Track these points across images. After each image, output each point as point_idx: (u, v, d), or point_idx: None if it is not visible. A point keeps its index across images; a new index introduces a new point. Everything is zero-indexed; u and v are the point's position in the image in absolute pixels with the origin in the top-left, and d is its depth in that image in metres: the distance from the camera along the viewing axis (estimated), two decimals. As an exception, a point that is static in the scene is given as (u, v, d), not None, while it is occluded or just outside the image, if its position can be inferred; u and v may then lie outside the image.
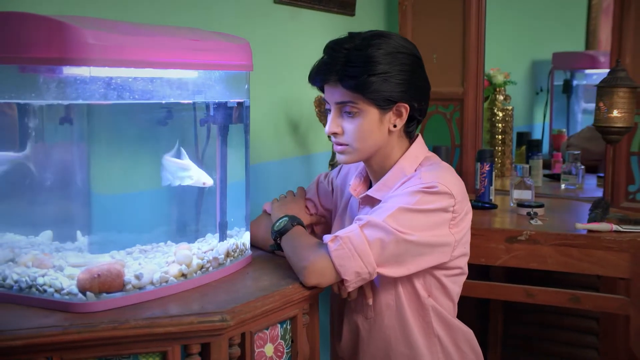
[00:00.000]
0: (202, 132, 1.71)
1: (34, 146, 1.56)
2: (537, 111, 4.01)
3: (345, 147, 1.74)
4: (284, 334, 1.64)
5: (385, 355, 1.76)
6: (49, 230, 1.62)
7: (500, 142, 3.23)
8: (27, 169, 1.56)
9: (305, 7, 2.59)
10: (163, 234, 1.67)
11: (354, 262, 1.61)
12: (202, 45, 1.62)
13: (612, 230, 2.14)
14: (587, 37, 4.31)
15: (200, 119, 1.69)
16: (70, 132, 1.50)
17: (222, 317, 1.44)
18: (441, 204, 1.65)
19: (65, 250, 1.58)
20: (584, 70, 4.07)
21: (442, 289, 1.75)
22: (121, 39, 1.45)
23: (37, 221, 1.61)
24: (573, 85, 4.04)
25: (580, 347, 2.79)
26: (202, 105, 1.68)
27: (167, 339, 1.42)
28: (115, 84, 1.46)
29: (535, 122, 4.02)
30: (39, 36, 1.40)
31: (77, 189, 1.53)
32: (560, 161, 3.30)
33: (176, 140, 1.65)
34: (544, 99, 3.95)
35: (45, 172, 1.56)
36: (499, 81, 3.23)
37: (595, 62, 4.06)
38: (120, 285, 1.48)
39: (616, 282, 2.54)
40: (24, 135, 1.57)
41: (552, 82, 3.99)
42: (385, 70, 1.66)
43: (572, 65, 4.05)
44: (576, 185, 2.97)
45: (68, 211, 1.58)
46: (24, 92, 1.50)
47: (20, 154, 1.56)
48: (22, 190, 1.58)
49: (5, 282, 1.50)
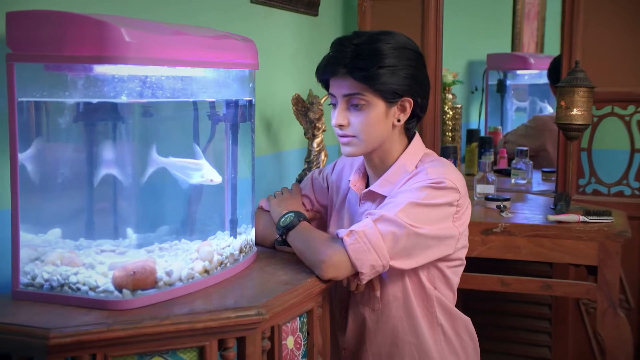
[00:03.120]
0: (215, 129, 1.73)
1: (57, 144, 1.56)
2: (473, 109, 4.18)
3: (351, 138, 1.80)
4: (301, 326, 1.69)
5: (392, 344, 1.83)
6: (58, 228, 1.61)
7: (450, 139, 3.36)
8: (58, 166, 1.56)
9: (277, 7, 2.64)
10: (178, 231, 1.69)
11: (370, 256, 1.67)
12: (224, 44, 1.66)
13: (579, 221, 2.30)
14: (513, 39, 4.53)
15: (214, 117, 1.72)
16: (104, 130, 1.51)
17: (258, 311, 1.48)
18: (448, 199, 1.73)
19: (84, 248, 1.59)
20: (516, 71, 4.27)
21: (444, 280, 1.84)
22: (153, 38, 1.47)
23: (52, 219, 1.61)
24: (506, 85, 4.23)
25: (534, 332, 2.95)
26: (219, 104, 1.71)
27: (206, 334, 1.45)
28: (150, 82, 1.48)
29: (471, 120, 4.19)
30: (76, 34, 1.41)
31: (104, 187, 1.55)
32: (505, 157, 3.46)
33: (193, 138, 1.68)
34: (479, 98, 4.12)
35: (75, 169, 1.56)
36: (449, 80, 3.37)
37: (526, 64, 4.27)
38: (153, 282, 1.50)
39: (567, 269, 2.72)
40: (47, 133, 1.56)
41: (487, 81, 4.17)
42: (394, 64, 1.73)
43: (504, 66, 4.24)
44: (526, 179, 3.13)
45: (97, 208, 1.59)
46: (54, 90, 1.49)
47: (46, 152, 1.55)
48: (44, 187, 1.57)
49: (35, 281, 1.49)
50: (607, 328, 2.27)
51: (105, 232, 1.63)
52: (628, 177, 2.77)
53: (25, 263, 1.51)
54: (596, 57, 2.73)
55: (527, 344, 2.92)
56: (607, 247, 2.23)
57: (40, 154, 1.53)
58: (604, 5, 2.75)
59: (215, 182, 1.69)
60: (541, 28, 4.76)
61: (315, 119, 2.50)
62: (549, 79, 3.76)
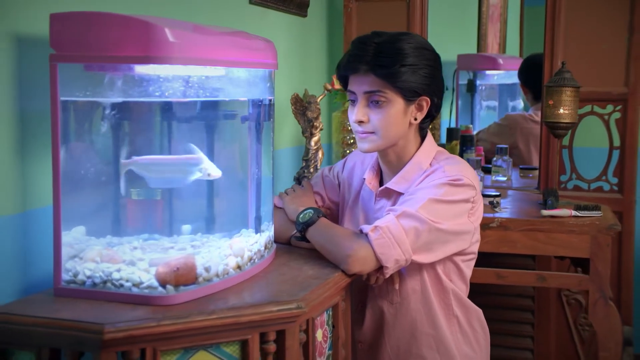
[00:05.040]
0: (241, 128, 1.77)
1: (95, 143, 1.58)
2: (444, 109, 4.28)
3: (369, 134, 1.85)
4: (327, 319, 1.74)
5: (411, 336, 1.90)
6: (82, 226, 1.63)
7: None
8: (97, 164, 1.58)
9: (272, 7, 2.69)
10: (207, 229, 1.72)
11: (394, 250, 1.73)
12: (253, 44, 1.70)
13: (571, 216, 2.40)
14: (479, 41, 4.65)
15: (241, 116, 1.75)
16: (144, 129, 1.54)
17: (297, 305, 1.53)
18: (465, 195, 1.81)
19: (116, 245, 1.62)
20: (485, 71, 4.38)
21: (459, 273, 1.91)
22: (194, 38, 1.51)
23: (88, 217, 1.63)
24: (476, 84, 4.34)
25: (518, 323, 3.04)
26: (248, 103, 1.75)
27: (249, 327, 1.49)
28: (192, 82, 1.51)
29: (442, 118, 4.29)
30: (120, 35, 1.43)
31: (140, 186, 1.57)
32: (483, 155, 3.56)
33: (224, 136, 1.71)
34: (450, 97, 4.22)
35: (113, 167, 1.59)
36: (428, 80, 3.44)
37: (495, 64, 4.39)
38: (194, 278, 1.53)
39: (550, 260, 2.83)
40: (87, 132, 1.58)
41: (458, 81, 4.27)
42: (415, 63, 1.80)
43: (474, 66, 4.35)
44: (506, 176, 3.23)
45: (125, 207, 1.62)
46: (96, 90, 1.51)
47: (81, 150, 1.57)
48: (80, 186, 1.59)
49: (77, 277, 1.51)
50: (598, 317, 2.38)
51: (138, 229, 1.66)
52: (607, 173, 2.89)
53: (65, 260, 1.53)
54: (577, 58, 2.83)
55: (511, 335, 3.00)
56: (598, 240, 2.34)
57: (80, 153, 1.55)
58: (584, 9, 2.86)
59: (213, 176, 1.68)
60: (503, 30, 4.89)
61: (313, 117, 2.54)
62: (519, 79, 3.88)
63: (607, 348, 2.37)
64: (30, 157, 1.59)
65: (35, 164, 1.60)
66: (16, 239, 1.57)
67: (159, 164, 1.58)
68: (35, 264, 1.62)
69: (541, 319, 3.00)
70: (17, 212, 1.57)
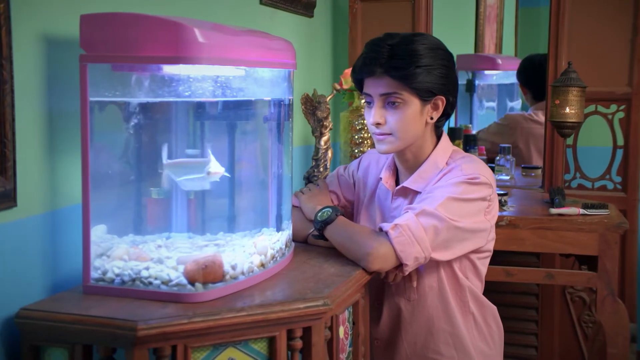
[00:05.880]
0: (264, 128, 1.79)
1: (123, 142, 1.60)
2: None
3: (387, 136, 1.88)
4: (348, 317, 1.76)
5: (428, 332, 1.92)
6: (103, 224, 1.64)
7: (433, 137, 3.47)
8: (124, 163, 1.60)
9: (281, 8, 2.71)
10: (230, 227, 1.75)
11: (414, 248, 1.76)
12: (276, 44, 1.73)
13: (579, 214, 2.44)
14: (476, 41, 4.69)
15: (264, 115, 1.77)
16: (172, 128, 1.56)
17: (324, 302, 1.55)
18: (482, 194, 1.83)
19: (141, 243, 1.64)
20: (484, 72, 4.42)
21: (474, 270, 1.94)
22: (222, 38, 1.53)
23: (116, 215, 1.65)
24: (475, 84, 4.37)
25: (522, 320, 3.08)
26: (270, 103, 1.77)
27: (277, 324, 1.51)
28: (220, 82, 1.53)
29: (442, 118, 4.32)
30: (151, 35, 1.45)
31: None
32: (485, 154, 3.60)
33: (248, 136, 1.73)
34: (448, 97, 4.25)
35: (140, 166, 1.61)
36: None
37: (494, 64, 4.43)
38: (221, 276, 1.55)
39: (554, 258, 2.86)
40: (115, 131, 1.60)
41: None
42: (429, 63, 1.83)
43: (473, 66, 4.38)
44: (510, 175, 3.26)
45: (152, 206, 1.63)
46: (125, 90, 1.53)
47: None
48: (108, 185, 1.60)
49: (106, 275, 1.53)
50: (606, 314, 2.41)
51: (160, 228, 1.68)
52: (611, 172, 2.92)
53: (93, 258, 1.54)
54: (581, 58, 2.86)
55: (515, 332, 3.03)
56: (607, 238, 2.38)
57: (108, 152, 1.57)
58: (588, 10, 2.90)
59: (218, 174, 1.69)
60: (500, 30, 4.93)
61: (322, 117, 2.56)
62: (518, 79, 3.92)
63: (615, 344, 2.41)
64: (58, 157, 1.61)
65: (62, 163, 1.61)
66: (44, 237, 1.58)
67: (185, 167, 1.60)
68: (61, 262, 1.63)
69: (545, 316, 3.04)
70: (45, 211, 1.58)
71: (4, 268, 1.48)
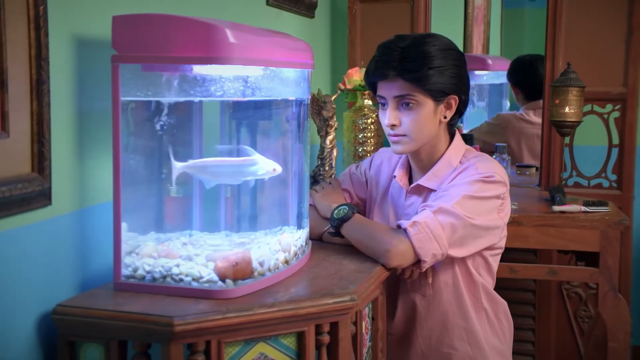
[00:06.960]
0: (286, 127, 1.82)
1: (153, 142, 1.62)
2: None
3: (402, 137, 1.91)
4: (368, 312, 1.80)
5: (442, 327, 1.96)
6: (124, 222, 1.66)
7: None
8: (154, 162, 1.62)
9: (285, 9, 2.74)
10: (253, 225, 1.78)
11: (432, 245, 1.80)
12: (297, 45, 1.76)
13: (581, 211, 2.49)
14: (465, 41, 4.76)
15: (288, 115, 1.80)
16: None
17: (351, 297, 1.58)
18: (496, 192, 1.88)
19: (166, 241, 1.66)
20: (474, 72, 4.47)
21: (487, 267, 1.98)
22: (251, 39, 1.55)
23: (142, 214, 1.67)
24: (466, 84, 4.42)
25: (519, 316, 3.13)
26: (293, 102, 1.80)
27: (306, 319, 1.54)
28: (250, 82, 1.56)
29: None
30: (182, 36, 1.47)
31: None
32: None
33: (270, 135, 1.76)
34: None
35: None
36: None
37: (484, 65, 4.48)
38: (250, 272, 1.57)
39: (551, 254, 2.92)
40: (145, 131, 1.62)
41: (447, 81, 4.35)
42: (441, 64, 1.87)
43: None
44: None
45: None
46: (156, 90, 1.55)
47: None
48: (135, 183, 1.62)
49: (136, 272, 1.55)
50: (607, 309, 2.47)
51: (182, 225, 1.71)
52: (606, 170, 2.99)
53: (122, 256, 1.56)
54: (577, 59, 2.92)
55: (513, 328, 3.09)
56: (608, 235, 2.44)
57: (138, 151, 1.59)
58: (584, 11, 2.96)
59: (277, 172, 1.72)
60: (487, 31, 4.99)
61: (328, 117, 2.59)
62: (509, 79, 3.98)
63: (616, 339, 2.47)
64: (87, 155, 1.62)
65: (91, 162, 1.63)
66: (75, 236, 1.60)
67: (216, 166, 1.62)
68: (90, 259, 1.64)
69: (542, 311, 3.10)
70: (75, 209, 1.60)
71: (41, 265, 1.49)
